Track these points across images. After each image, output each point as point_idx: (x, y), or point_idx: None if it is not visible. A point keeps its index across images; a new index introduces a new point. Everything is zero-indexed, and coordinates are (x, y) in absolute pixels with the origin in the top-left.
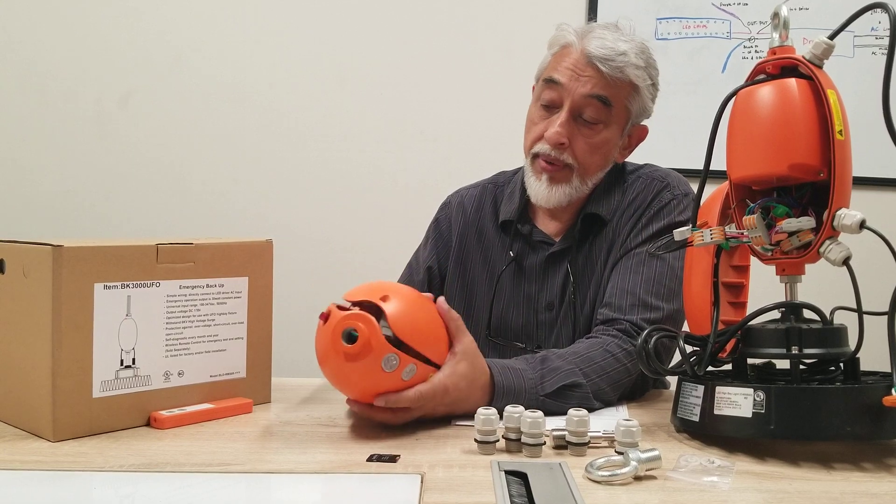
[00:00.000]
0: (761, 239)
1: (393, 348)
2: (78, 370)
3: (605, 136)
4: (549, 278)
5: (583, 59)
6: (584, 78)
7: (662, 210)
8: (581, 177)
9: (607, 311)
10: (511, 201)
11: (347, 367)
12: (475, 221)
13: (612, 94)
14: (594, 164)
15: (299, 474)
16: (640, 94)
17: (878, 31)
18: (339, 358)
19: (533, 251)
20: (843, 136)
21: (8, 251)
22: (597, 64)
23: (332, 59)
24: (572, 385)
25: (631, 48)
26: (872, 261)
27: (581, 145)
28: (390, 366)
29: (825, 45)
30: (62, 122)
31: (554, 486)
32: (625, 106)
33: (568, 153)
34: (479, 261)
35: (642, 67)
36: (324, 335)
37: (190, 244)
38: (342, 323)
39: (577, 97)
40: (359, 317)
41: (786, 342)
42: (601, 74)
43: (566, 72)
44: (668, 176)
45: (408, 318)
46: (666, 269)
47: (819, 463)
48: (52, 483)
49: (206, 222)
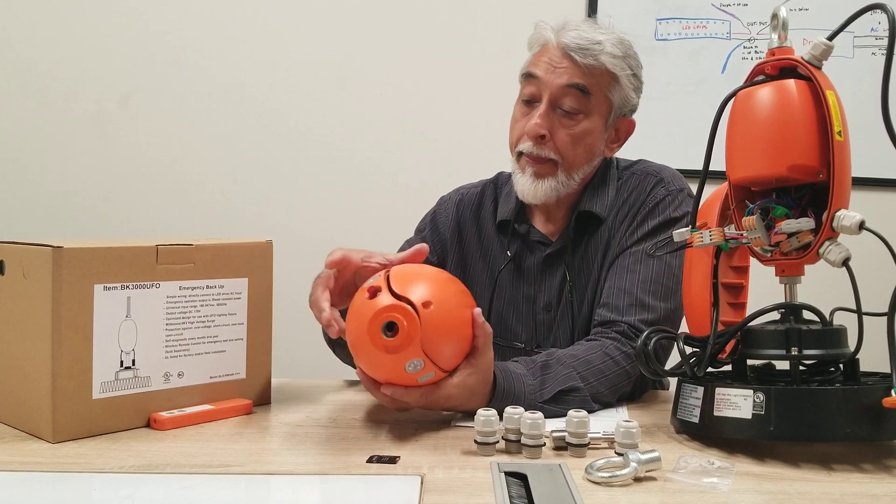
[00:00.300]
0: (761, 240)
1: (421, 353)
2: (78, 371)
3: (585, 126)
4: (547, 279)
5: (558, 51)
6: (561, 69)
7: (657, 206)
8: (566, 171)
9: (605, 312)
10: (508, 201)
11: (373, 350)
12: (475, 220)
13: (589, 83)
14: (578, 157)
15: (299, 475)
16: (619, 84)
17: (877, 31)
18: (370, 340)
19: (531, 252)
20: (843, 137)
21: (8, 252)
22: (572, 54)
23: (332, 60)
24: (569, 389)
25: (607, 39)
26: (872, 262)
27: (562, 137)
28: (412, 367)
29: (824, 45)
30: (62, 122)
31: (554, 487)
32: (605, 96)
33: (549, 147)
34: (479, 259)
35: (619, 57)
36: (366, 310)
37: (190, 245)
38: (388, 312)
39: (555, 88)
40: (400, 309)
41: (785, 343)
42: (577, 64)
43: (543, 65)
44: (662, 171)
45: (443, 335)
46: (663, 267)
47: (819, 464)
48: (52, 484)
49: (206, 223)
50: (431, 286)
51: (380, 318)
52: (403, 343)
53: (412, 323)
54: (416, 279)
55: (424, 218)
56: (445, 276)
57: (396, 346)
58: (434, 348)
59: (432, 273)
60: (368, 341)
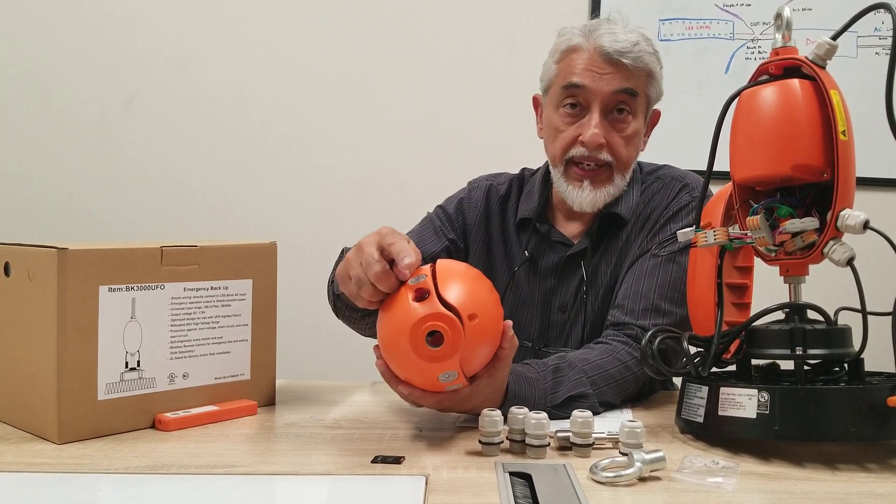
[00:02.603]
0: (765, 240)
1: (458, 366)
2: (83, 373)
3: (634, 126)
4: (566, 280)
5: (598, 56)
6: (607, 75)
7: (681, 212)
8: (621, 173)
9: (619, 314)
10: (530, 199)
11: (410, 356)
12: (501, 213)
13: (635, 84)
14: (630, 157)
15: (304, 476)
16: (655, 80)
17: (881, 31)
18: (410, 345)
19: (551, 251)
20: (847, 137)
21: (13, 254)
22: (617, 58)
23: (335, 62)
24: (579, 395)
25: (640, 37)
26: (876, 261)
27: (616, 140)
28: (445, 378)
29: (828, 45)
30: (66, 125)
31: (558, 487)
32: (646, 94)
33: (606, 151)
34: (500, 251)
35: (653, 53)
36: (411, 312)
37: (194, 246)
38: (435, 321)
39: (606, 95)
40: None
41: (790, 343)
42: (623, 67)
43: (586, 73)
44: (687, 177)
45: (480, 349)
46: (681, 273)
47: (823, 464)
48: (57, 485)
49: (210, 225)
50: (477, 296)
51: (425, 326)
52: (446, 354)
53: (457, 335)
54: (463, 285)
55: (451, 199)
56: (488, 285)
57: (438, 357)
58: (469, 360)
59: (476, 279)
60: (408, 346)
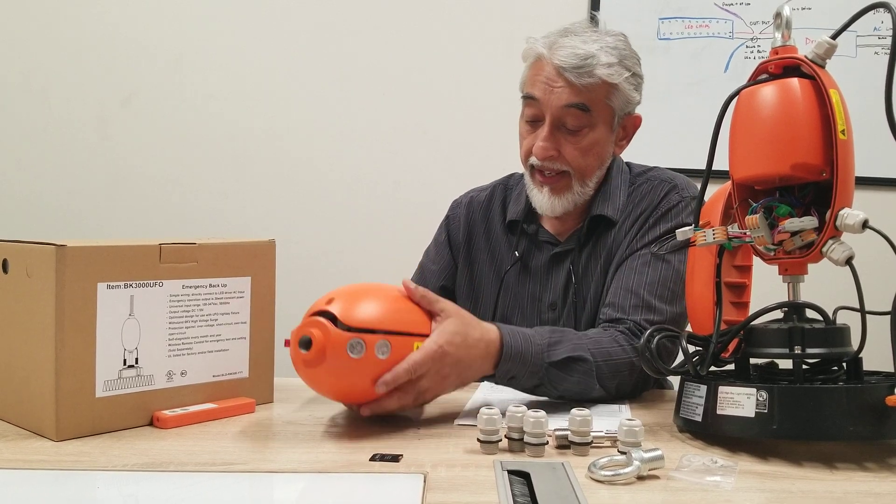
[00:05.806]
0: (764, 239)
1: (353, 334)
2: (81, 370)
3: (592, 137)
4: (553, 278)
5: (553, 70)
6: (558, 90)
7: (670, 212)
8: (580, 180)
9: (610, 311)
10: (518, 202)
11: (319, 373)
12: (484, 221)
13: (587, 98)
14: (589, 166)
15: (302, 474)
16: (618, 89)
17: (880, 30)
18: (307, 368)
19: (539, 251)
20: (846, 136)
21: (11, 251)
22: (566, 75)
23: (333, 61)
24: (578, 358)
25: (600, 48)
26: (875, 260)
27: (570, 151)
28: (357, 351)
29: (827, 44)
30: (65, 123)
31: (557, 485)
32: (605, 105)
33: (560, 161)
34: (486, 260)
35: (615, 64)
36: (293, 357)
37: (193, 244)
38: (295, 337)
39: (555, 109)
40: (309, 323)
41: (788, 342)
42: (572, 83)
43: (541, 86)
44: (676, 178)
45: (357, 305)
46: (671, 272)
47: (822, 463)
48: (55, 483)
49: (209, 222)
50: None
51: (296, 347)
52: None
53: (317, 324)
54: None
55: (440, 226)
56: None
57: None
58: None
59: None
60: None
